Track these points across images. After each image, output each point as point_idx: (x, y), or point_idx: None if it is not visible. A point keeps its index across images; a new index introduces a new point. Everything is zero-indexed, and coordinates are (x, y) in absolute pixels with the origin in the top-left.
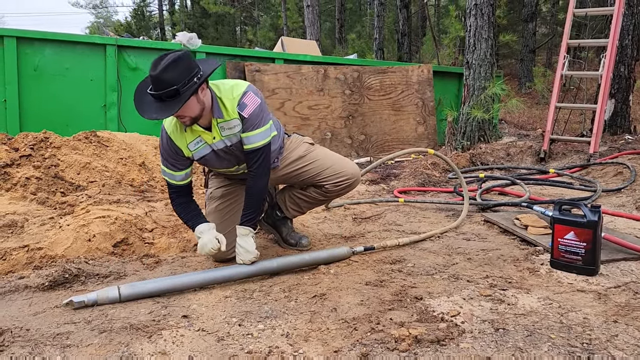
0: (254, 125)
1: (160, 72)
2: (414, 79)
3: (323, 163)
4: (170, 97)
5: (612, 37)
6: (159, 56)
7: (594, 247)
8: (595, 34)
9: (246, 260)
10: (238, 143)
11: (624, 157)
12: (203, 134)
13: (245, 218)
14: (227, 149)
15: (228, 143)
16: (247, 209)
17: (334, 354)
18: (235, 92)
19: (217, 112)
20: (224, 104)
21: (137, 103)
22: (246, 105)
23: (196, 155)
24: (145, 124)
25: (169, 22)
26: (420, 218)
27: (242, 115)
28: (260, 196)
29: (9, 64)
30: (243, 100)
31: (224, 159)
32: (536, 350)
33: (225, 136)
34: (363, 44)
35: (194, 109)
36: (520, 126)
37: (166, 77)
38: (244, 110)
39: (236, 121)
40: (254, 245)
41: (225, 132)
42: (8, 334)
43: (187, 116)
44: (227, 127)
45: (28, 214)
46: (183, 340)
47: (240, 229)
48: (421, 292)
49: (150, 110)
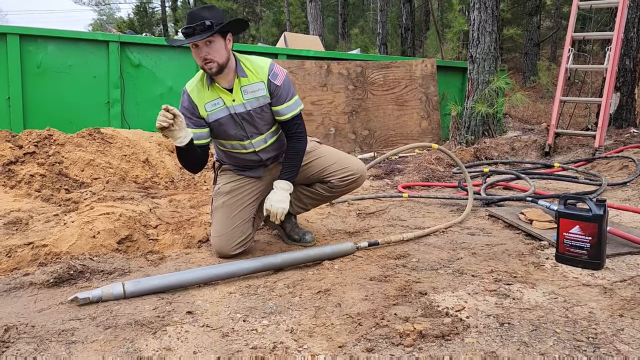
0: (289, 94)
1: (197, 9)
2: (418, 73)
3: (329, 159)
4: (202, 31)
5: (617, 29)
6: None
7: (599, 241)
8: (600, 27)
9: (273, 209)
10: (258, 109)
11: (630, 150)
12: (224, 95)
13: (285, 174)
14: (247, 114)
15: (249, 107)
16: (287, 165)
17: (339, 349)
18: (262, 62)
19: (241, 72)
20: (247, 67)
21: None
22: (277, 74)
23: (211, 117)
24: (148, 121)
25: (172, 19)
26: (424, 213)
27: (274, 83)
28: (300, 156)
29: (12, 61)
30: (274, 70)
31: (239, 125)
32: (541, 345)
33: (247, 100)
34: (366, 38)
35: (221, 53)
36: (525, 120)
37: (202, 13)
38: (277, 78)
39: (261, 84)
40: (287, 200)
41: (247, 95)
42: (13, 331)
43: (215, 60)
44: (251, 90)
45: (32, 211)
46: (187, 336)
47: (280, 182)
48: (426, 287)
49: (180, 41)
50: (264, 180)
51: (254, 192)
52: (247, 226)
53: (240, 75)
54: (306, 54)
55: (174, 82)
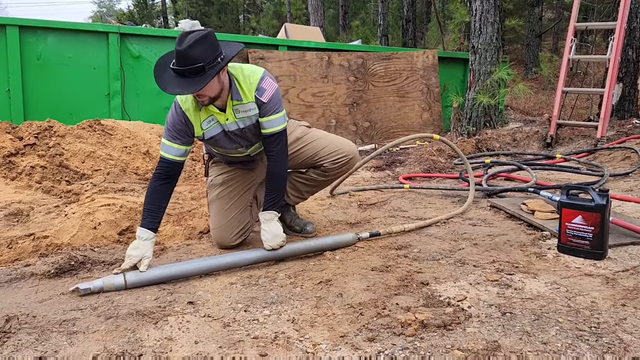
0: (273, 110)
1: (186, 48)
2: (419, 65)
3: (320, 142)
4: (194, 73)
5: (620, 19)
6: (184, 32)
7: (601, 231)
8: (602, 17)
9: (275, 245)
10: (251, 126)
11: (632, 141)
12: (216, 114)
13: (269, 203)
14: (240, 131)
15: (241, 125)
16: (270, 193)
17: (340, 339)
18: (253, 77)
19: (236, 95)
20: (242, 87)
21: (158, 77)
22: (265, 90)
23: (207, 134)
24: (149, 113)
25: (172, 11)
26: (425, 204)
27: (260, 100)
28: (282, 179)
29: (12, 53)
30: (261, 85)
31: (234, 140)
32: (544, 335)
33: (239, 118)
34: (367, 30)
35: (214, 89)
36: (527, 112)
37: (192, 54)
38: (263, 95)
39: (252, 105)
40: (280, 228)
41: (239, 114)
42: (15, 321)
43: (207, 95)
44: (243, 109)
45: (33, 202)
46: (189, 326)
47: (265, 214)
48: (427, 278)
49: (172, 85)
50: (257, 168)
51: (247, 180)
52: (244, 215)
53: (235, 99)
54: (307, 45)
55: None
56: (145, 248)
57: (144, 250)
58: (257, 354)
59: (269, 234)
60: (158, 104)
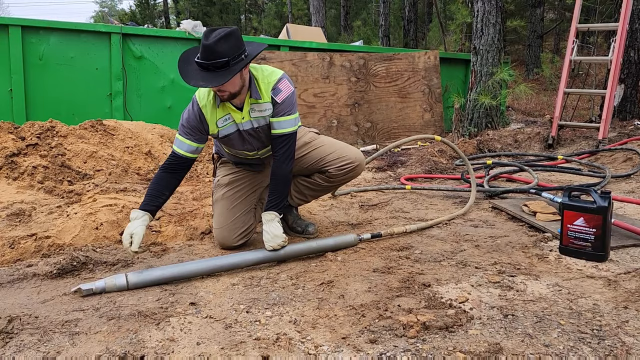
0: (286, 111)
1: (213, 42)
2: (421, 65)
3: (327, 148)
4: (218, 68)
5: (622, 21)
6: (211, 27)
7: (603, 233)
8: (604, 18)
9: (275, 245)
10: (265, 126)
11: (634, 142)
12: (233, 112)
13: (271, 203)
14: (254, 130)
15: (255, 125)
16: (273, 194)
17: (342, 341)
18: (272, 77)
19: (255, 93)
20: (260, 87)
21: (182, 70)
22: (280, 90)
23: (222, 133)
24: (151, 113)
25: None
26: (427, 205)
27: (275, 99)
28: (286, 181)
29: (14, 53)
30: (278, 85)
31: (247, 140)
32: (546, 337)
33: (254, 118)
34: (369, 30)
35: (236, 85)
36: (528, 113)
37: (218, 48)
38: (278, 95)
39: (268, 105)
40: (281, 229)
41: (255, 113)
42: (17, 322)
43: (228, 91)
44: (258, 109)
45: (35, 202)
46: (191, 327)
47: (266, 214)
48: (429, 279)
49: (196, 78)
50: (264, 171)
51: (254, 182)
52: (248, 217)
53: (254, 97)
54: (309, 46)
55: (176, 74)
56: (133, 227)
57: (132, 229)
58: (259, 356)
59: (269, 234)
60: (160, 105)
